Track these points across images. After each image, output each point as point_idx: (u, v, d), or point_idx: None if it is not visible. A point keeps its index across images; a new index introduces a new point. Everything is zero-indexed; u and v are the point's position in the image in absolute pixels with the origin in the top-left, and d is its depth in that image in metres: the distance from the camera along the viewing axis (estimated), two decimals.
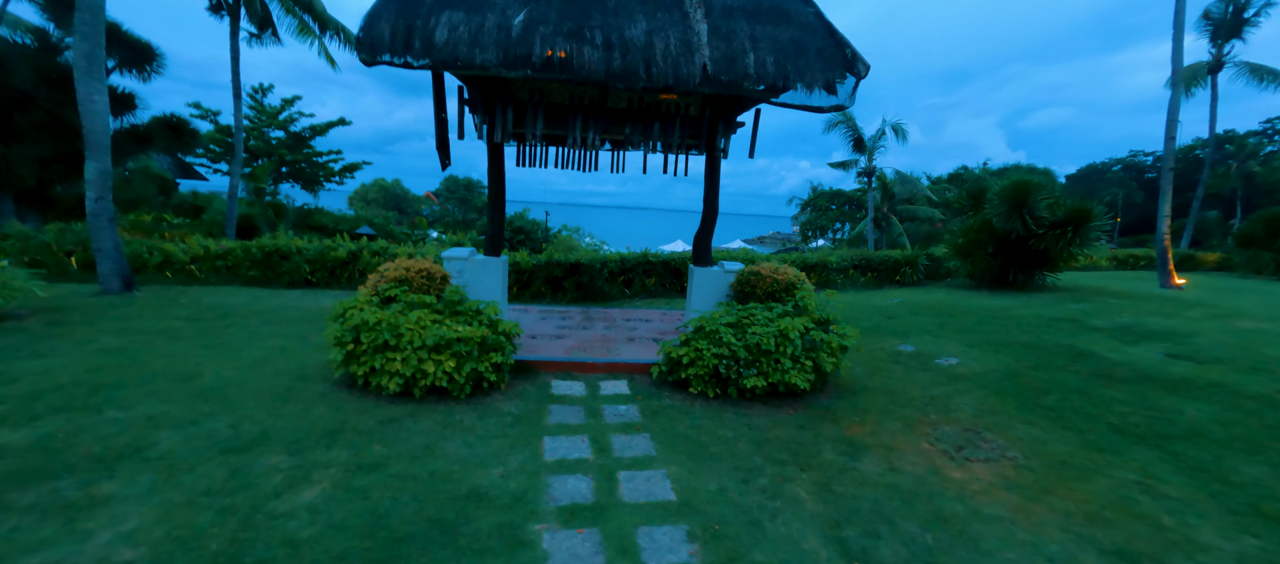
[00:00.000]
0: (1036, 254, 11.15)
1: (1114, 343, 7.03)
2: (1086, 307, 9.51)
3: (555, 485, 3.26)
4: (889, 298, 10.64)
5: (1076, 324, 8.07)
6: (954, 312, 9.07)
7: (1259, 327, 8.34)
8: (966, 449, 3.95)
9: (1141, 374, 5.76)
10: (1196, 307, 10.00)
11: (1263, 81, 21.02)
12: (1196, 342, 7.19)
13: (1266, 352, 6.84)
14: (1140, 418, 4.63)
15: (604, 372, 5.30)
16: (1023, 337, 7.30)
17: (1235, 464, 3.85)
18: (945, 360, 6.19)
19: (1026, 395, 5.12)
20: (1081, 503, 3.28)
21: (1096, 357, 6.39)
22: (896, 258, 13.23)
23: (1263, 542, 2.98)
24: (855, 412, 4.63)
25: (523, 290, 9.84)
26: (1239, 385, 5.44)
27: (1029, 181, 11.00)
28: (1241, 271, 19.06)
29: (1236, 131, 45.49)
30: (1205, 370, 5.94)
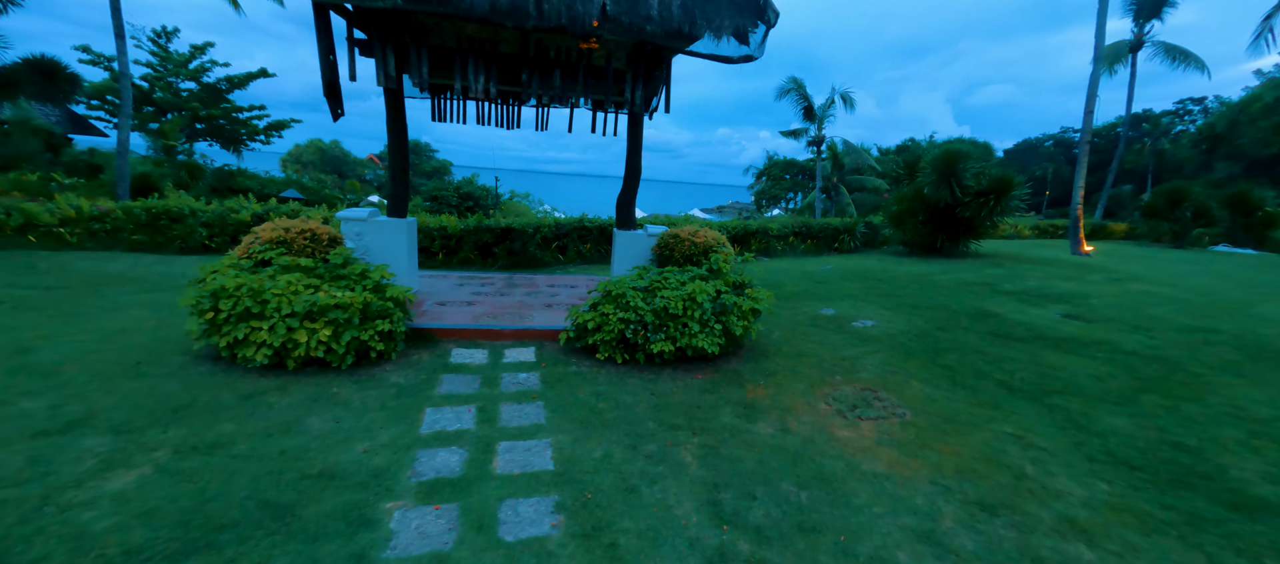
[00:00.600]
0: (962, 222, 11.59)
1: (1018, 305, 7.39)
2: (1002, 271, 10.00)
3: (423, 460, 3.02)
4: (823, 264, 10.83)
5: (989, 287, 8.45)
6: (881, 277, 9.31)
7: (1147, 289, 9.01)
8: (860, 408, 3.99)
9: (1037, 333, 6.06)
10: (1098, 271, 10.73)
11: (1175, 62, 22.47)
12: (1091, 303, 7.67)
13: (1149, 311, 7.38)
14: (1028, 374, 4.84)
15: (512, 339, 5.04)
16: (938, 300, 7.56)
17: (1102, 415, 4.08)
18: (861, 323, 6.31)
19: (929, 355, 5.26)
20: (956, 456, 3.37)
21: (1000, 317, 6.68)
22: (835, 225, 13.47)
23: (1111, 487, 3.14)
24: (763, 374, 4.60)
25: (450, 256, 9.33)
26: (1119, 343, 5.82)
27: (957, 151, 11.31)
28: (1145, 240, 20.74)
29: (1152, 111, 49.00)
30: (1093, 329, 6.32)
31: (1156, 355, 5.45)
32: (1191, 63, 22.32)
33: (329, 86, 5.26)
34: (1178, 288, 9.31)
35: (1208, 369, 5.14)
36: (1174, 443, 3.68)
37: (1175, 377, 4.89)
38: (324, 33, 5.03)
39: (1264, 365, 5.33)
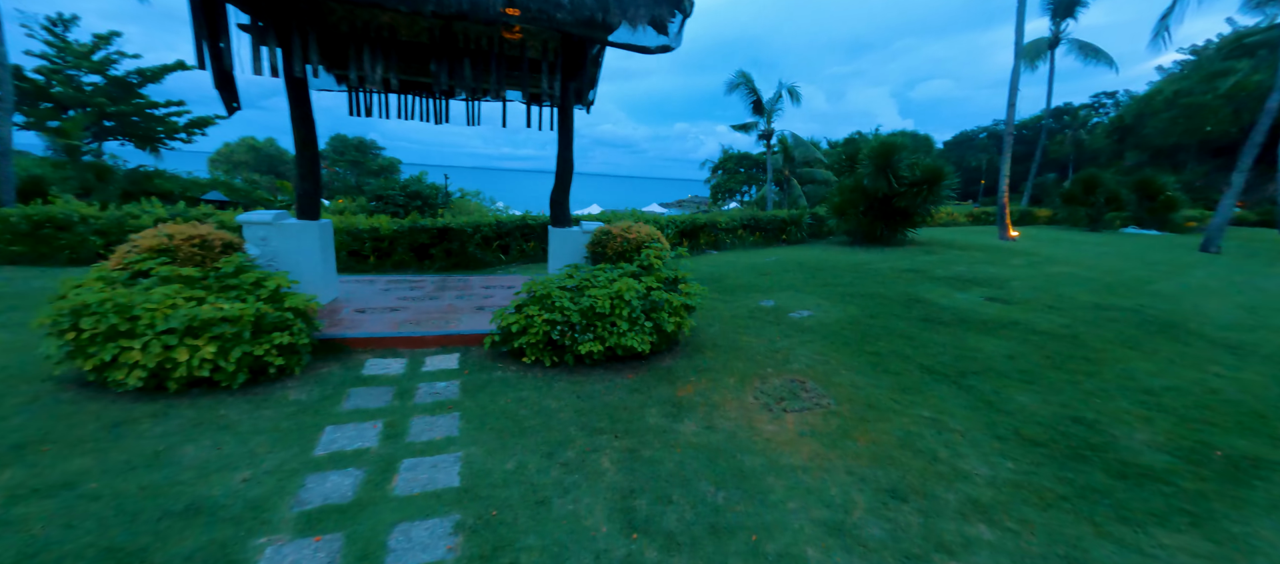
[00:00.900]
0: (899, 211, 12.04)
1: (946, 289, 7.71)
2: (935, 258, 10.46)
3: (312, 486, 2.76)
4: (769, 256, 10.99)
5: (921, 274, 8.79)
6: (823, 267, 9.53)
7: (1062, 271, 9.64)
8: (787, 401, 3.99)
9: (961, 317, 6.32)
10: (1021, 255, 11.43)
11: (1088, 58, 24.27)
12: (1012, 286, 8.10)
13: (1061, 291, 7.86)
14: (950, 357, 5.02)
15: (437, 345, 4.77)
16: (873, 288, 7.78)
17: (1013, 394, 4.26)
18: (799, 314, 6.39)
19: (859, 343, 5.37)
20: (874, 444, 3.41)
21: (929, 303, 6.94)
22: (783, 217, 13.73)
23: (1015, 464, 3.25)
24: (695, 371, 4.55)
25: (384, 260, 8.84)
26: (1033, 323, 6.15)
27: (893, 143, 11.73)
28: (1066, 225, 22.35)
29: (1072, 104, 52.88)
30: (1011, 310, 6.66)
31: (1065, 333, 5.79)
32: (1102, 59, 24.17)
33: (220, 78, 4.79)
34: (1089, 268, 10.02)
35: (1108, 344, 5.50)
36: (1074, 417, 3.88)
37: (1079, 353, 5.20)
38: (209, 16, 4.57)
39: (1157, 339, 5.76)
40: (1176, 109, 30.53)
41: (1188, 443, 3.55)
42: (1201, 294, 8.31)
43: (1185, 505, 2.89)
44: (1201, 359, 5.18)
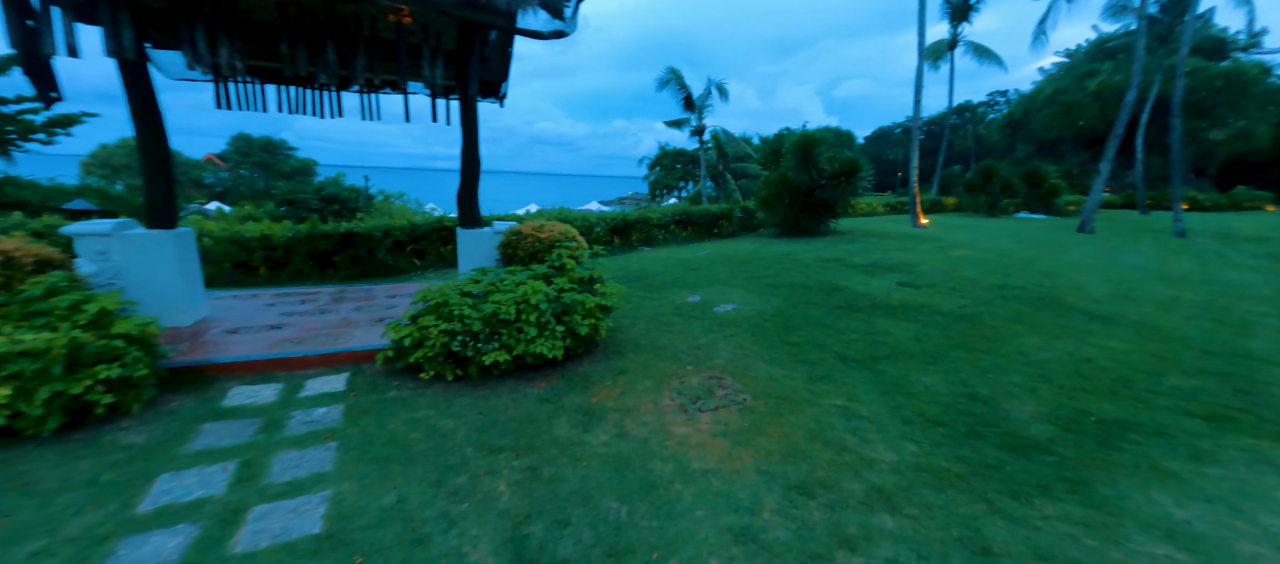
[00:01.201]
0: (822, 203, 12.52)
1: (863, 277, 8.03)
2: (854, 247, 10.95)
3: (125, 554, 2.27)
4: (700, 251, 11.04)
5: (841, 262, 9.13)
6: (750, 259, 9.66)
7: (965, 255, 10.37)
8: (703, 400, 3.87)
9: (874, 303, 6.56)
10: (930, 241, 12.23)
11: (982, 58, 26.67)
12: (921, 271, 8.58)
13: (964, 274, 8.41)
14: (862, 343, 5.14)
15: (322, 365, 4.24)
16: (797, 278, 7.96)
17: (918, 375, 4.40)
18: (724, 307, 6.36)
19: (780, 334, 5.40)
20: (786, 439, 3.35)
21: (846, 290, 7.17)
22: (714, 212, 13.89)
23: (918, 446, 3.31)
24: (613, 374, 4.34)
25: (278, 271, 7.93)
26: (938, 305, 6.49)
27: (813, 137, 12.16)
28: (969, 212, 24.40)
29: (971, 102, 58.10)
30: (919, 294, 7.01)
31: (965, 314, 6.15)
32: (993, 59, 26.63)
33: (31, 62, 3.98)
34: (987, 251, 10.88)
35: (1002, 322, 5.88)
36: (971, 394, 4.05)
37: (977, 331, 5.52)
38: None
39: (1042, 314, 6.25)
40: (1055, 106, 34.29)
41: (1068, 411, 3.79)
42: (1079, 271, 9.23)
43: (1066, 473, 3.04)
44: (1078, 330, 5.67)
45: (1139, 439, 3.43)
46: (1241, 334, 5.74)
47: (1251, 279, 9.01)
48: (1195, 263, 10.66)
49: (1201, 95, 28.86)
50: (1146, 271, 9.45)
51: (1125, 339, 5.46)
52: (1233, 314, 6.59)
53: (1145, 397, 4.06)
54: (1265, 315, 6.56)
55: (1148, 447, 3.34)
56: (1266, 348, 5.30)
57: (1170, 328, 5.90)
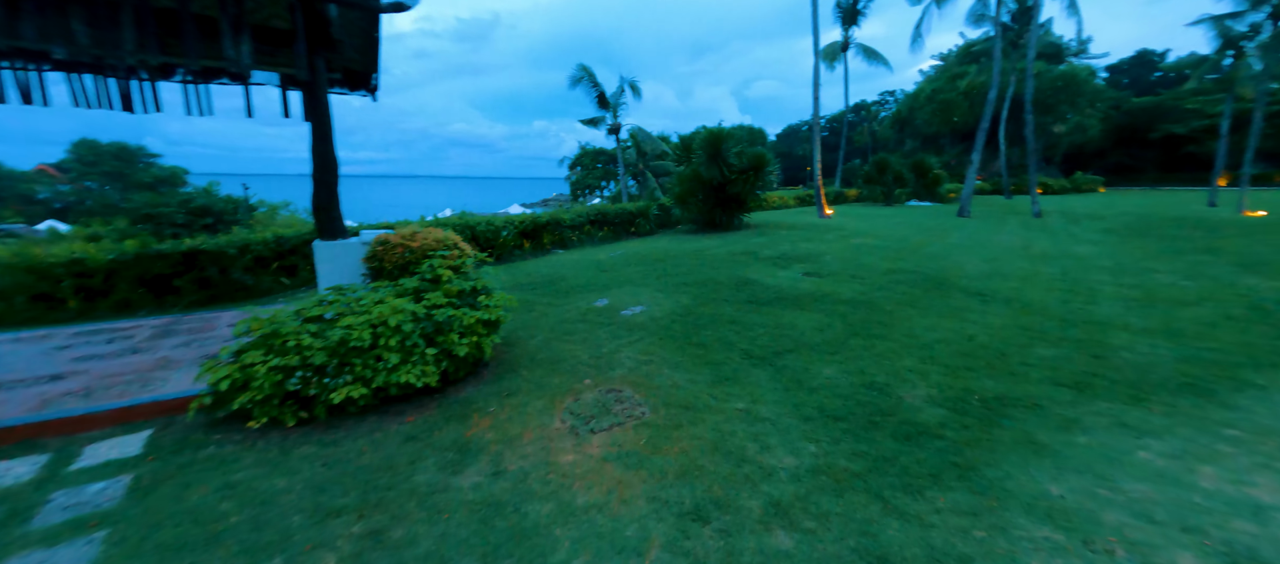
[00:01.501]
0: (733, 197, 12.71)
1: (771, 269, 8.12)
2: (765, 239, 11.19)
3: None
4: (615, 251, 10.72)
5: (752, 255, 9.22)
6: (665, 257, 9.49)
7: (864, 242, 10.94)
8: (597, 419, 3.50)
9: (781, 294, 6.59)
10: (834, 231, 12.86)
11: (872, 60, 28.99)
12: (824, 260, 8.86)
13: (863, 260, 8.79)
14: (768, 338, 5.05)
15: (115, 423, 3.34)
16: (708, 273, 7.87)
17: (819, 368, 4.34)
18: (631, 310, 6.05)
19: (687, 335, 5.18)
20: (684, 454, 3.07)
21: (755, 283, 7.17)
22: (630, 210, 13.66)
23: (817, 446, 3.17)
24: (499, 398, 3.84)
25: (94, 302, 6.47)
26: (839, 293, 6.64)
27: (721, 131, 12.29)
28: (868, 202, 26.36)
29: (866, 101, 63.26)
30: (823, 284, 7.17)
31: (864, 300, 6.33)
32: (880, 60, 29.03)
33: None
34: (883, 238, 11.59)
35: (897, 306, 6.11)
36: (869, 383, 4.04)
37: (874, 317, 5.66)
38: None
39: (931, 295, 6.59)
40: (935, 104, 38.19)
41: (955, 392, 3.87)
42: (960, 251, 10.06)
43: (954, 459, 3.03)
44: (961, 309, 6.01)
45: (1017, 413, 3.55)
46: (1090, 302, 6.41)
47: (1093, 252, 10.32)
48: (1050, 240, 12.09)
49: (1046, 94, 33.44)
50: (1013, 250, 10.51)
51: (1000, 314, 5.86)
52: (1082, 284, 7.40)
53: (1019, 369, 4.29)
54: (1105, 283, 7.42)
55: (1024, 421, 3.45)
56: (1109, 313, 5.92)
57: (1034, 300, 6.45)
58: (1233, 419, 3.43)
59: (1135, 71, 51.29)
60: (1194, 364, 4.37)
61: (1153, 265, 8.81)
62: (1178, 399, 3.74)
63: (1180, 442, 3.16)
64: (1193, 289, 7.03)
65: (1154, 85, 48.33)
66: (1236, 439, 3.18)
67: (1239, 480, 2.76)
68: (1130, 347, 4.82)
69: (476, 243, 9.49)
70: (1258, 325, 5.38)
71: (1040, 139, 36.43)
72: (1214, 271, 8.14)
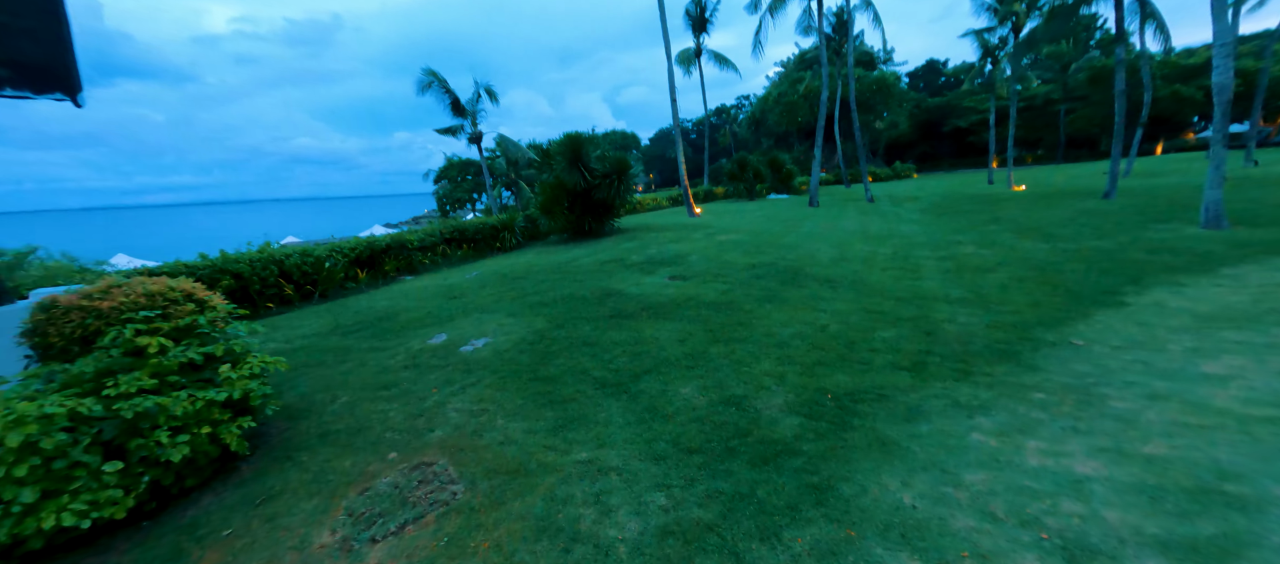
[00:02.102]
0: (600, 203, 12.27)
1: (637, 276, 7.74)
2: (634, 244, 10.90)
3: None
4: (470, 272, 9.58)
5: (619, 262, 8.80)
6: (527, 274, 8.64)
7: (729, 238, 11.18)
8: (387, 517, 2.62)
9: (645, 304, 6.17)
10: (701, 229, 13.08)
11: (722, 65, 31.02)
12: (691, 260, 8.74)
13: (727, 258, 8.84)
14: (626, 359, 4.54)
15: None
16: (571, 288, 7.22)
17: (678, 387, 3.92)
18: (473, 345, 5.16)
19: (534, 368, 4.46)
20: (497, 550, 2.35)
21: (620, 294, 6.69)
22: (493, 224, 12.52)
23: (669, 495, 2.66)
24: (251, 506, 2.75)
25: None
26: (702, 296, 6.43)
27: (580, 136, 11.77)
28: (734, 198, 28.03)
29: (725, 104, 68.17)
30: (687, 287, 6.93)
31: (726, 301, 6.17)
32: (730, 66, 31.17)
33: None
34: (745, 233, 12.01)
35: (756, 303, 6.04)
36: (727, 397, 3.70)
37: (735, 319, 5.47)
38: None
39: (787, 288, 6.68)
40: (782, 106, 42.27)
41: (809, 394, 3.68)
42: (812, 240, 10.74)
43: (811, 478, 2.73)
44: (814, 299, 6.14)
45: (866, 409, 3.43)
46: (917, 278, 7.01)
47: (915, 230, 11.75)
48: (882, 222, 13.60)
49: (866, 95, 38.79)
50: (855, 233, 11.54)
51: (847, 299, 6.08)
52: (910, 261, 8.17)
53: (866, 357, 4.30)
54: (927, 259, 8.29)
55: (873, 416, 3.33)
56: (933, 287, 6.48)
57: (874, 281, 6.88)
58: (1038, 382, 3.67)
59: (927, 77, 62.35)
60: (1000, 329, 4.78)
61: (958, 238, 10.19)
62: (995, 367, 3.96)
63: (1005, 416, 3.25)
64: (990, 256, 8.12)
65: (941, 88, 59.22)
66: (1045, 403, 3.36)
67: (1057, 451, 2.82)
68: (952, 318, 5.19)
69: (287, 280, 7.72)
70: (1038, 284, 6.23)
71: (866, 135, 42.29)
72: (1000, 238, 9.61)
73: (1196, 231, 8.69)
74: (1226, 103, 8.58)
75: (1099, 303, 5.36)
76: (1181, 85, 37.40)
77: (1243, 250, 6.92)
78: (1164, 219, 10.05)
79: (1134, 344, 4.22)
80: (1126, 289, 5.74)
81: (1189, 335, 4.30)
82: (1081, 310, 5.16)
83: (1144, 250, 7.54)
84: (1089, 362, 3.94)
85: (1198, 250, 7.19)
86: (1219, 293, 5.34)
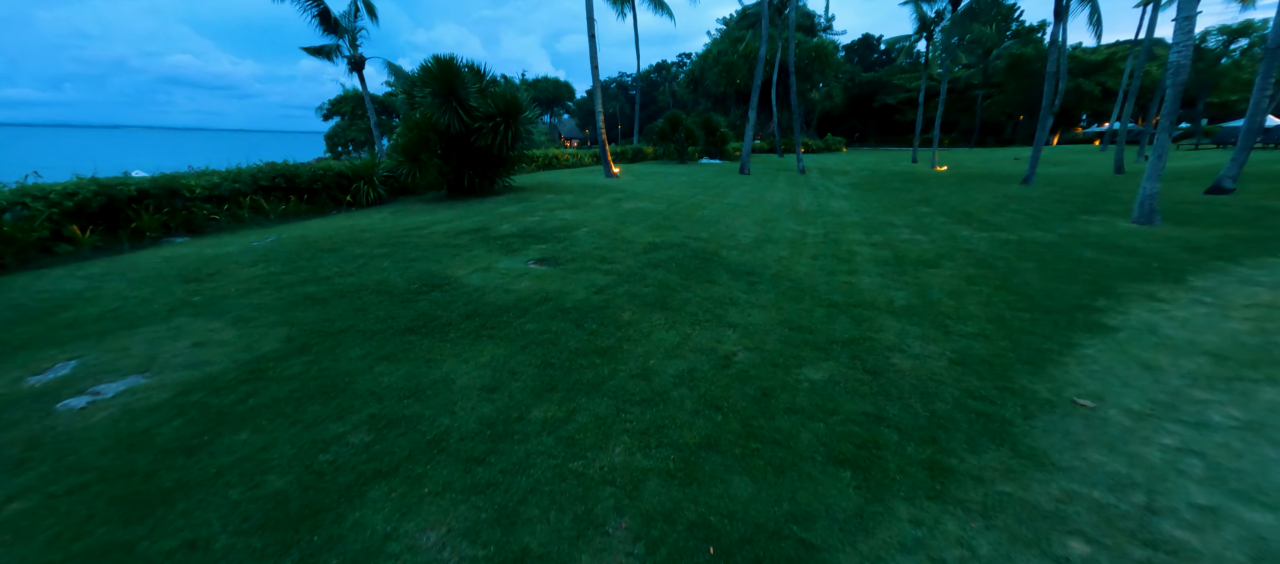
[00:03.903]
0: (485, 153, 9.76)
1: (493, 257, 5.61)
2: (519, 207, 8.64)
3: None
4: (273, 236, 6.90)
5: (480, 235, 6.57)
6: (343, 244, 6.18)
7: (638, 206, 9.21)
8: None
9: (474, 308, 4.11)
10: (611, 192, 11.01)
11: (658, 10, 28.34)
12: (577, 235, 6.70)
13: (626, 232, 6.87)
14: (363, 437, 2.50)
15: None
16: (384, 273, 4.96)
17: (411, 529, 1.98)
18: (102, 392, 2.85)
19: (162, 465, 2.31)
20: None
21: (451, 286, 4.57)
22: (340, 171, 9.61)
23: None
24: None
25: None
26: (567, 295, 4.46)
27: (453, 63, 9.07)
28: (664, 159, 26.05)
29: (666, 61, 65.09)
30: (552, 277, 4.93)
31: (598, 303, 4.26)
32: (665, 10, 28.58)
33: None
34: (660, 200, 10.11)
35: (640, 310, 4.16)
36: (521, 552, 1.81)
37: (601, 341, 3.57)
38: None
39: (692, 283, 4.88)
40: (720, 65, 40.28)
41: (676, 545, 1.89)
42: (735, 213, 9.09)
43: None
44: (723, 301, 4.39)
45: None
46: (852, 272, 5.50)
47: (845, 207, 10.48)
48: (813, 196, 12.29)
49: (804, 62, 37.76)
50: (783, 208, 10.05)
51: (766, 303, 4.41)
52: (843, 247, 6.70)
53: (786, 432, 2.59)
54: (861, 245, 6.87)
55: None
56: (871, 286, 4.99)
57: (802, 275, 5.29)
58: (1058, 502, 2.12)
59: (861, 52, 62.90)
60: (971, 370, 3.29)
61: (891, 220, 8.98)
62: (983, 460, 2.40)
63: None
64: (929, 246, 6.85)
65: (874, 64, 60.03)
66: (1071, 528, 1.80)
67: None
68: (902, 345, 3.65)
69: None
70: (995, 289, 4.91)
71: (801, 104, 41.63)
72: (935, 224, 8.48)
73: (1130, 226, 8.01)
74: (1181, 86, 7.76)
75: (1075, 323, 4.07)
76: (1083, 79, 39.91)
77: (1196, 255, 6.08)
78: (1089, 210, 9.43)
79: (1159, 407, 2.84)
80: (1099, 303, 4.53)
81: (1222, 390, 3.00)
82: (1060, 336, 3.82)
83: (1089, 247, 6.58)
84: (1113, 446, 2.48)
85: (1147, 251, 6.29)
86: (1209, 316, 4.22)
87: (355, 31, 17.77)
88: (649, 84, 66.83)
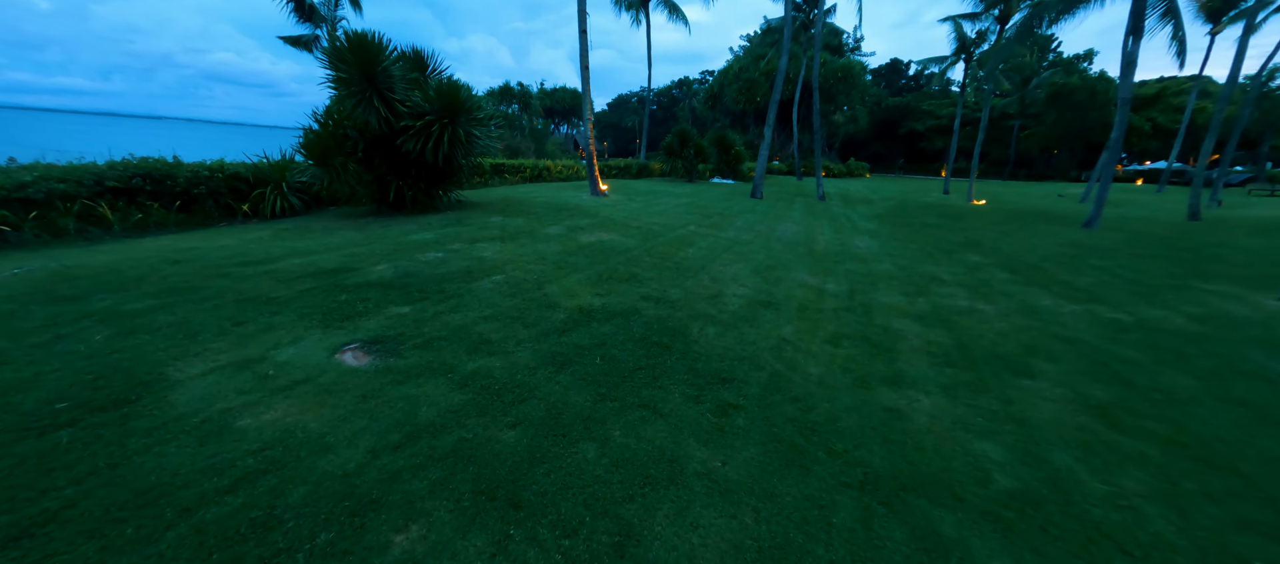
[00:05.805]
0: (420, 161, 7.72)
1: (303, 328, 3.44)
2: (435, 235, 6.50)
3: None
4: (31, 263, 4.87)
5: (332, 278, 4.43)
6: (118, 285, 4.11)
7: (602, 240, 7.01)
8: None
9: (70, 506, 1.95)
10: (579, 218, 8.86)
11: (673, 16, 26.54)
12: (478, 288, 4.51)
13: (554, 289, 4.70)
14: None
15: None
16: (39, 372, 2.86)
17: None
18: None
19: None
20: None
21: (120, 418, 2.43)
22: (234, 172, 7.65)
23: None
24: None
25: None
26: (310, 468, 2.26)
27: (371, 41, 7.07)
28: (671, 177, 23.97)
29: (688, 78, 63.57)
30: (346, 396, 2.70)
31: (369, 485, 2.06)
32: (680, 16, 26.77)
33: None
34: (641, 231, 7.91)
35: (445, 512, 1.96)
36: None
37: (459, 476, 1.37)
38: None
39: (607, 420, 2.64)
40: (741, 82, 38.33)
41: None
42: (731, 253, 6.87)
43: None
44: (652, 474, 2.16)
45: None
46: (896, 382, 3.23)
47: (873, 247, 8.19)
48: (834, 230, 10.00)
49: (829, 83, 35.62)
50: (795, 247, 7.80)
51: (738, 486, 2.17)
52: (875, 320, 4.44)
53: None
54: (902, 319, 4.58)
55: None
56: (933, 418, 2.71)
57: (811, 390, 3.03)
58: None
59: (889, 77, 60.51)
60: None
61: (933, 270, 6.70)
62: None
63: None
64: (1001, 325, 4.56)
65: (902, 90, 57.56)
66: None
67: None
68: None
69: None
70: (1152, 436, 2.60)
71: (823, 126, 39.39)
72: (996, 282, 6.18)
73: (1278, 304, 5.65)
74: None
75: None
76: (1133, 114, 37.00)
77: None
78: (1203, 275, 6.99)
79: None
80: None
81: None
82: None
83: (1255, 345, 4.24)
84: None
85: None
86: None
87: (334, 20, 16.17)
88: (670, 100, 65.18)
